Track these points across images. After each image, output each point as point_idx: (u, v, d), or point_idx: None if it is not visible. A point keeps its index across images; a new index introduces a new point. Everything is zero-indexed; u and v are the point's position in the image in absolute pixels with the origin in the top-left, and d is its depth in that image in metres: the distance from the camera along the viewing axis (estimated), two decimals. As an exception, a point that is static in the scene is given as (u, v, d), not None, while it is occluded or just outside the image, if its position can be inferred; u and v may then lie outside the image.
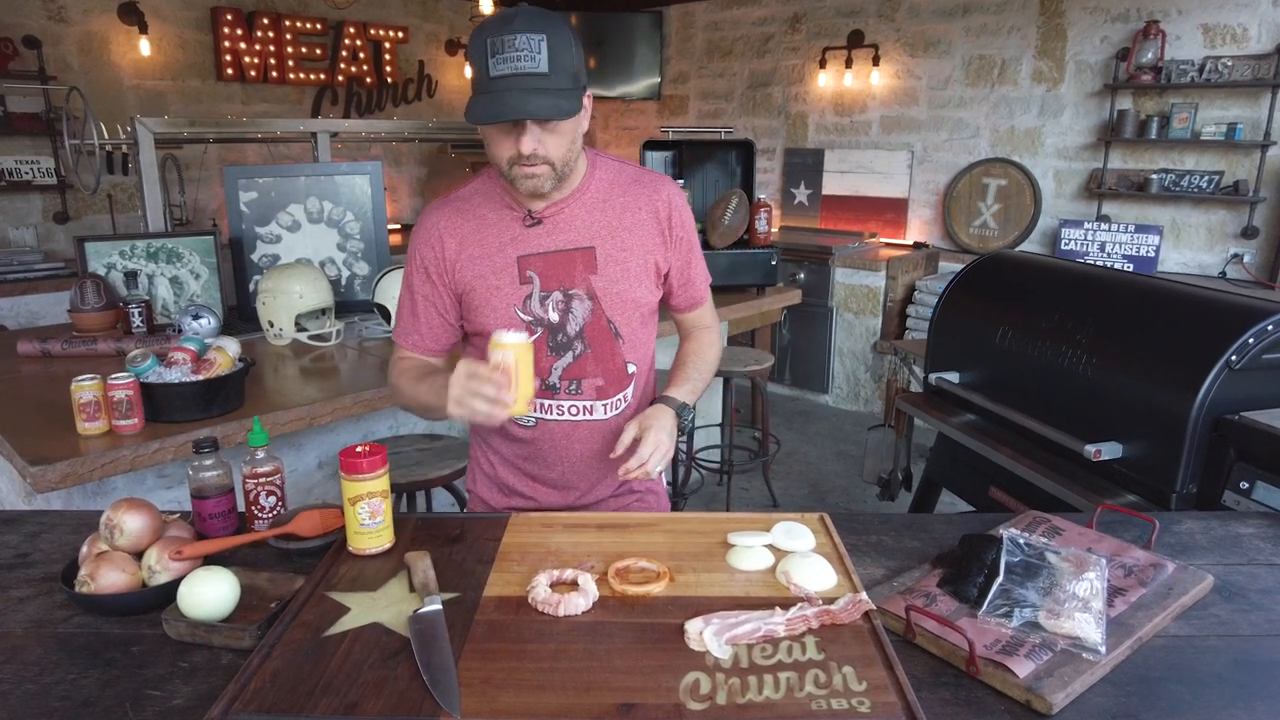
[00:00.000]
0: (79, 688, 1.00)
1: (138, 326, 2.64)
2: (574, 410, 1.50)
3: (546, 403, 1.49)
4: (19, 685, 1.01)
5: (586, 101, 1.37)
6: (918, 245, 5.61)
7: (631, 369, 1.53)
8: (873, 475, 4.21)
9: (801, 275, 5.41)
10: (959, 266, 3.05)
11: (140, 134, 3.00)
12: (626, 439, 1.40)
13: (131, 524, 1.21)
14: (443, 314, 1.50)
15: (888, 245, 5.72)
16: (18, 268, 4.20)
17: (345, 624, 1.07)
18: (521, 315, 1.44)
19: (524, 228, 1.44)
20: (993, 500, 2.47)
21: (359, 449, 1.24)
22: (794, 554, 1.24)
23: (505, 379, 1.23)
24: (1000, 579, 1.16)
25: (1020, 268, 2.77)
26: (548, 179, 1.35)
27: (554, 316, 1.45)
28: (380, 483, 1.25)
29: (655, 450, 1.37)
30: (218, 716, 0.87)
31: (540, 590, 1.12)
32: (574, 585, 1.15)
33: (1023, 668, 1.02)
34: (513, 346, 1.24)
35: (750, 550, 1.24)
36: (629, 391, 1.54)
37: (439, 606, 1.08)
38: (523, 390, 1.25)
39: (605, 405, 1.51)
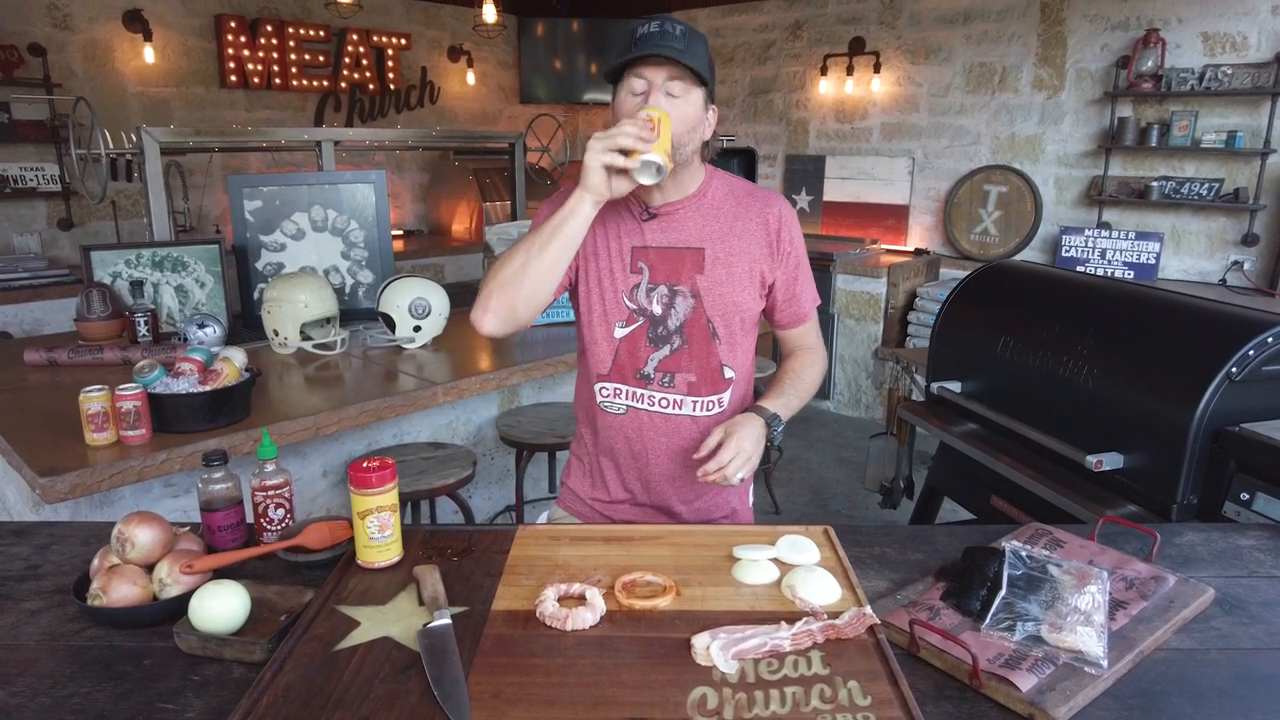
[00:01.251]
0: (93, 701, 1.02)
1: (143, 335, 2.66)
2: (664, 403, 1.55)
3: (639, 391, 1.55)
4: (33, 698, 1.02)
5: (711, 115, 1.48)
6: (919, 252, 5.63)
7: (729, 374, 1.56)
8: (874, 483, 4.21)
9: (802, 281, 5.41)
10: (960, 273, 3.07)
11: (146, 143, 3.01)
12: (711, 441, 1.42)
13: (143, 537, 1.22)
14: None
15: (889, 252, 5.74)
16: (23, 275, 4.21)
17: (355, 638, 1.08)
18: (628, 303, 1.52)
19: (640, 222, 1.52)
20: (994, 509, 2.48)
21: (366, 464, 1.25)
22: (799, 568, 1.25)
23: (651, 127, 1.33)
24: (1003, 592, 1.17)
25: (1021, 277, 2.78)
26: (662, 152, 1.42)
27: (657, 309, 1.52)
28: (389, 497, 1.26)
29: (737, 456, 1.38)
30: (231, 731, 0.88)
31: (548, 604, 1.13)
32: (581, 599, 1.16)
33: (1025, 681, 1.03)
34: (659, 110, 1.35)
35: (755, 564, 1.26)
36: (725, 396, 1.57)
37: (448, 621, 1.09)
38: (663, 142, 1.34)
39: (696, 403, 1.55)
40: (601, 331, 1.55)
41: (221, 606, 1.11)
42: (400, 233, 6.27)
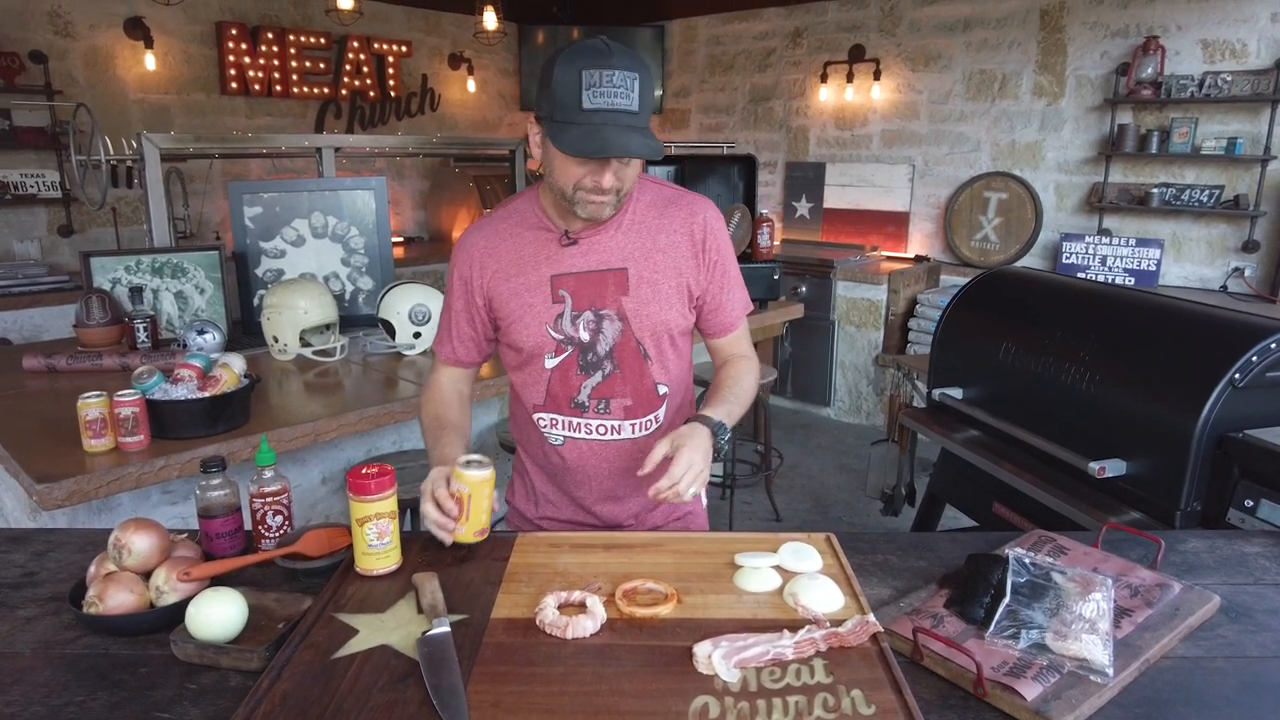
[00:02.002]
0: (87, 710, 1.00)
1: (142, 342, 2.65)
2: (602, 429, 1.52)
3: (575, 420, 1.51)
4: (27, 708, 1.01)
5: None
6: (919, 258, 5.63)
7: (663, 390, 1.53)
8: (876, 490, 4.20)
9: (803, 288, 5.42)
10: (961, 280, 3.07)
11: (146, 149, 3.01)
12: (656, 455, 1.35)
13: (140, 544, 1.21)
14: (476, 330, 1.56)
15: (889, 258, 5.74)
16: (22, 281, 4.21)
17: (354, 646, 1.07)
18: (552, 333, 1.47)
19: (559, 247, 1.46)
20: (997, 516, 2.47)
21: (366, 470, 1.25)
22: (801, 575, 1.24)
23: (459, 508, 1.29)
24: (1007, 600, 1.16)
25: (1022, 283, 2.78)
26: (611, 205, 1.39)
27: (584, 335, 1.47)
28: (388, 504, 1.25)
29: (689, 470, 1.31)
30: (227, 741, 0.87)
31: (548, 612, 1.12)
32: (582, 607, 1.15)
33: (1030, 690, 1.02)
34: (469, 481, 1.29)
35: (757, 571, 1.25)
36: (660, 413, 1.54)
37: (447, 629, 1.08)
38: (474, 521, 1.30)
39: (634, 425, 1.52)
40: (532, 365, 1.52)
41: (218, 614, 1.10)
42: (401, 239, 6.27)
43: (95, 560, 1.25)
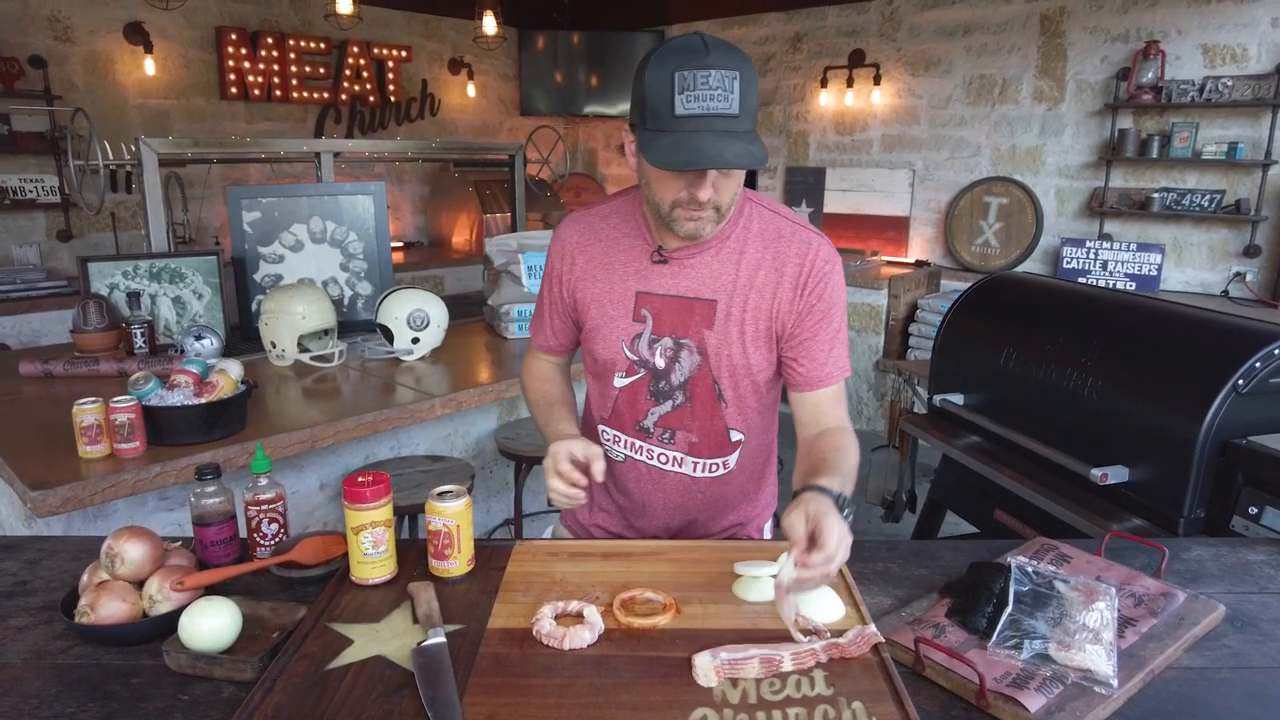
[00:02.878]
0: (78, 721, 0.99)
1: (140, 347, 2.64)
2: (664, 459, 1.44)
3: (639, 443, 1.45)
4: (17, 719, 0.99)
5: None
6: (919, 263, 5.61)
7: (735, 437, 1.43)
8: (876, 496, 4.19)
9: (803, 293, 5.40)
10: (961, 285, 3.06)
11: (144, 155, 3.00)
12: (799, 530, 1.12)
13: (133, 553, 1.19)
14: (565, 320, 1.50)
15: (889, 263, 5.73)
16: (21, 286, 4.20)
17: (348, 657, 1.05)
18: (628, 353, 1.40)
19: (650, 263, 1.37)
20: (998, 523, 2.46)
21: (361, 479, 1.23)
22: (801, 584, 1.22)
23: (449, 542, 1.26)
24: (1009, 609, 1.15)
25: (1024, 289, 2.77)
26: (711, 223, 1.27)
27: (660, 363, 1.39)
28: (384, 512, 1.24)
29: (842, 542, 1.11)
30: (219, 754, 0.85)
31: (545, 623, 1.11)
32: (579, 617, 1.14)
33: (1034, 701, 1.00)
34: (453, 514, 1.26)
35: (758, 581, 1.23)
36: (731, 459, 1.45)
37: (443, 639, 1.07)
38: (464, 551, 1.28)
39: (698, 464, 1.44)
40: (602, 378, 1.47)
41: (212, 624, 1.08)
42: (400, 244, 6.26)
43: (88, 569, 1.24)
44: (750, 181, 6.09)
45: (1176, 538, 1.81)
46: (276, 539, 1.36)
